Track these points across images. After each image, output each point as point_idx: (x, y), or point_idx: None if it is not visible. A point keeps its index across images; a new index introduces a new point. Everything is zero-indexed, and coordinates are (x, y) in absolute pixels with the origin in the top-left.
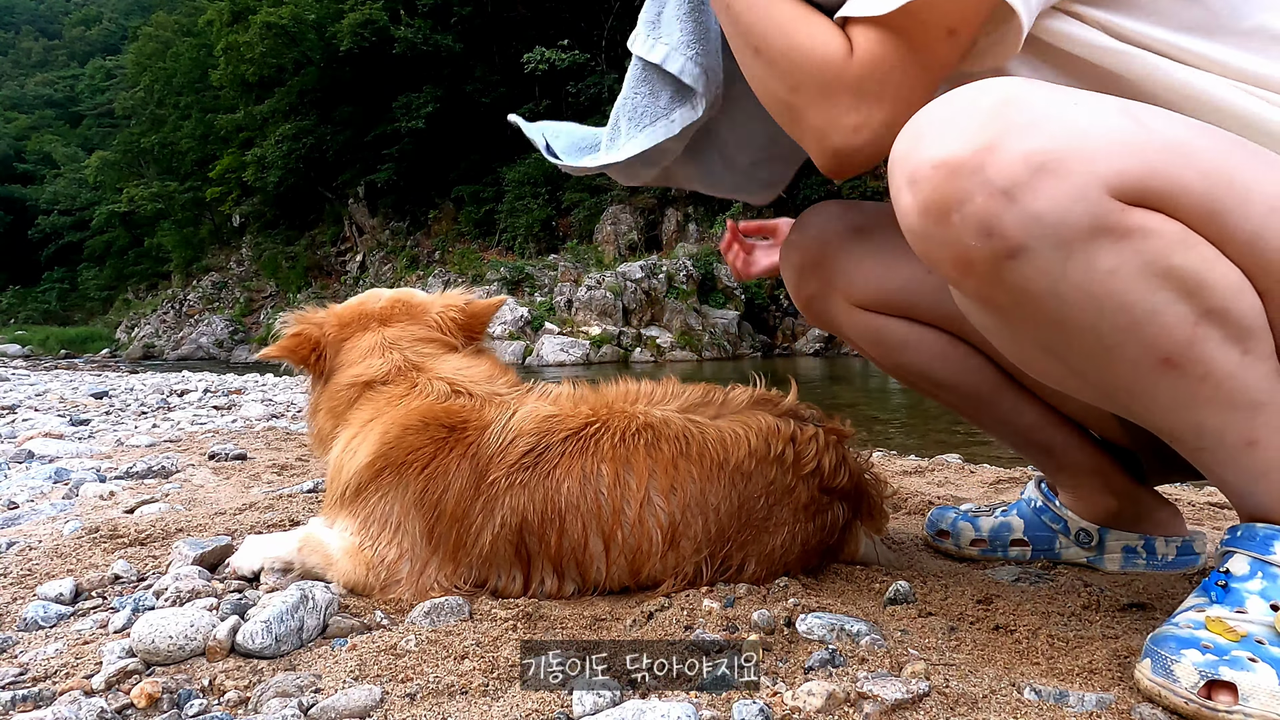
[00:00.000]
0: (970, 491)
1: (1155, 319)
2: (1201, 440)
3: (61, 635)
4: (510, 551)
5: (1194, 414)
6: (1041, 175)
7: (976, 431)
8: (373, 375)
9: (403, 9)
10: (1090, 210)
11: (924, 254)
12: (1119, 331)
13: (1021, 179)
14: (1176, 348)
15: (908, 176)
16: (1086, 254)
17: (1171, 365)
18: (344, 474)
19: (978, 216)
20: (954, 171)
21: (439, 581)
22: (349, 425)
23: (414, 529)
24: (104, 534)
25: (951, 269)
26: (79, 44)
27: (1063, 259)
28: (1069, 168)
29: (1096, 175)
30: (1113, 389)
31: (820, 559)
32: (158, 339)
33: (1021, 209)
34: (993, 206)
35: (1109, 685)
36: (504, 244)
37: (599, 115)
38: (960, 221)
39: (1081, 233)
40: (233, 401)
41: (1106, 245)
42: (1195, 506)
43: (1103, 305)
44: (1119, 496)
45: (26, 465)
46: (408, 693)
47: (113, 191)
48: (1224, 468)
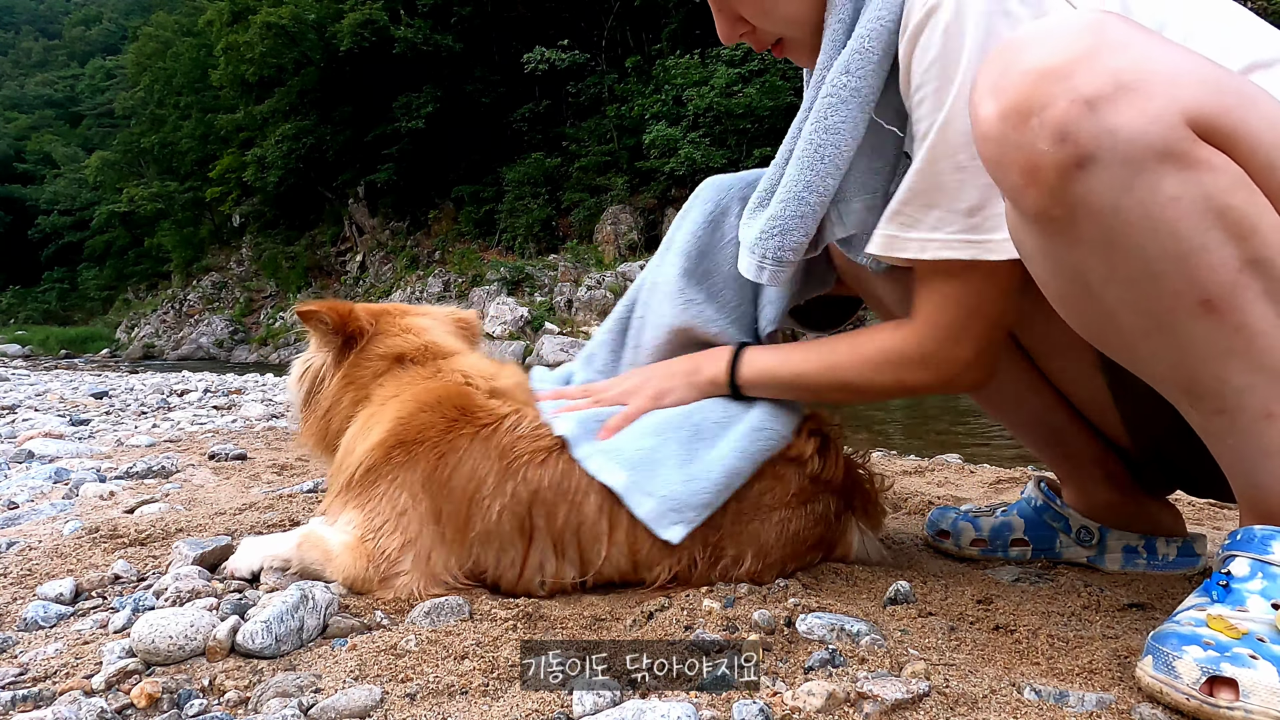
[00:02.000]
0: (970, 491)
1: (1203, 255)
2: (1223, 400)
3: (61, 635)
4: (515, 526)
5: (1222, 366)
6: (1125, 92)
7: (976, 432)
8: (404, 350)
9: (403, 9)
10: (1165, 134)
11: (994, 161)
12: (1167, 259)
13: (1106, 92)
14: (1219, 290)
15: (992, 85)
16: (1153, 176)
17: (1210, 308)
18: (355, 454)
19: (1056, 121)
20: (1042, 77)
21: (445, 568)
22: (369, 402)
23: (421, 509)
24: (104, 534)
25: (1019, 176)
26: (79, 44)
27: (1129, 176)
28: (1152, 90)
29: (1177, 102)
30: (1145, 330)
31: (815, 552)
32: (158, 339)
33: (1100, 120)
34: (1073, 113)
35: (1109, 685)
36: (504, 244)
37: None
38: (1038, 125)
39: (1152, 154)
40: (233, 401)
41: (1173, 172)
42: (1195, 507)
43: (1158, 229)
44: (1121, 490)
45: (26, 465)
46: (408, 693)
47: (113, 191)
48: (1238, 437)
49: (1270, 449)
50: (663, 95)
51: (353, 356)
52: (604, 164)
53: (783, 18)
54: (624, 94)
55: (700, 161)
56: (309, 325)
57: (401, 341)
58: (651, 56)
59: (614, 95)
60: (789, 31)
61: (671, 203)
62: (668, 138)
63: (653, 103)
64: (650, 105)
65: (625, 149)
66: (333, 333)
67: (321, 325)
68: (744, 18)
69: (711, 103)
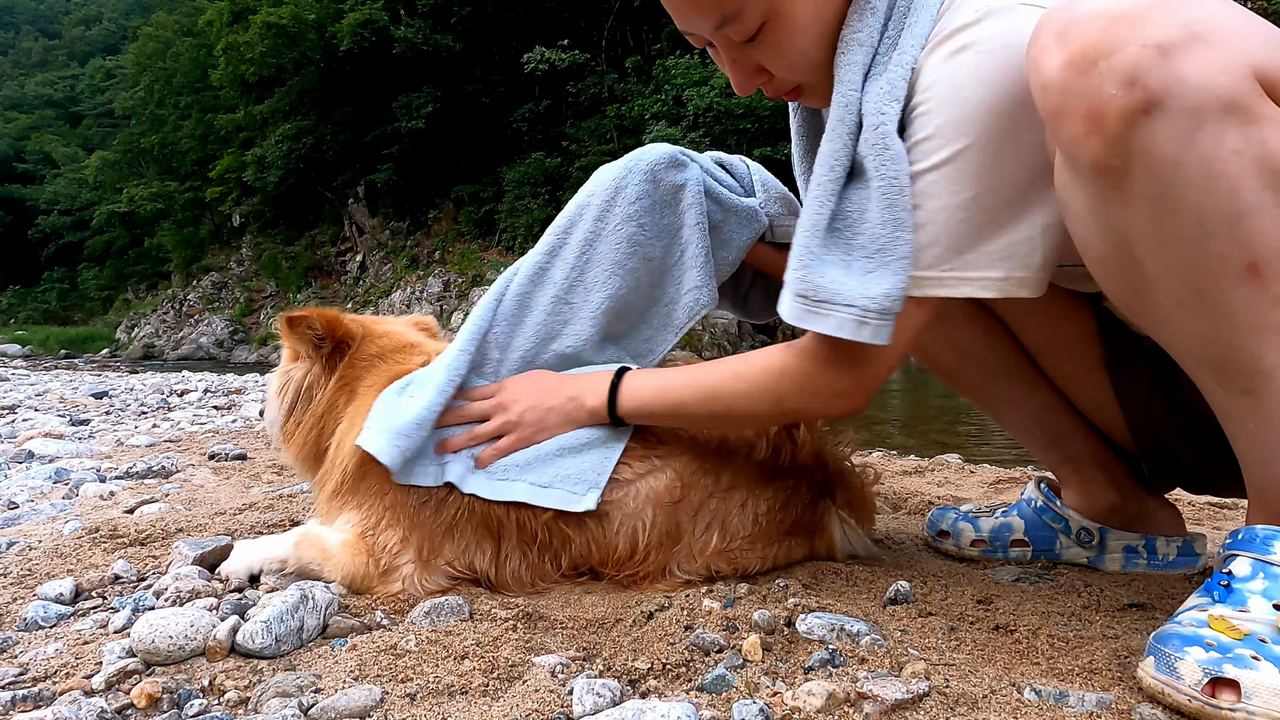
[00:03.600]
0: (970, 491)
1: (1255, 217)
2: (1252, 380)
3: (61, 635)
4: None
5: (1256, 341)
6: (1196, 41)
7: (976, 432)
8: (387, 347)
9: (403, 9)
10: (1232, 85)
11: (1054, 111)
12: (1220, 219)
13: (1178, 39)
14: (1265, 256)
15: (1058, 31)
16: (1218, 128)
17: (1255, 274)
18: (345, 449)
19: (1126, 65)
20: (1113, 22)
21: (439, 560)
22: (357, 398)
23: (412, 499)
24: (104, 534)
25: (1082, 123)
26: (79, 44)
27: (1194, 126)
28: (1222, 40)
29: (1246, 55)
30: (1183, 299)
31: (793, 539)
32: (158, 339)
33: (1170, 66)
34: (1144, 58)
35: (1109, 685)
36: (504, 244)
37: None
38: (1106, 70)
39: (1219, 105)
40: (233, 401)
41: (1236, 126)
42: (1195, 507)
43: (1217, 185)
44: (1122, 492)
45: (26, 465)
46: (408, 693)
47: (113, 191)
48: (1260, 420)
49: None
50: (663, 95)
51: (347, 359)
52: (604, 164)
53: (802, 63)
54: (624, 94)
55: None
56: (295, 334)
57: (386, 341)
58: (651, 56)
59: (614, 95)
60: (807, 77)
61: None
62: (668, 138)
63: (653, 103)
64: (650, 105)
65: (625, 149)
66: (323, 339)
67: (310, 332)
68: (764, 67)
69: (711, 103)
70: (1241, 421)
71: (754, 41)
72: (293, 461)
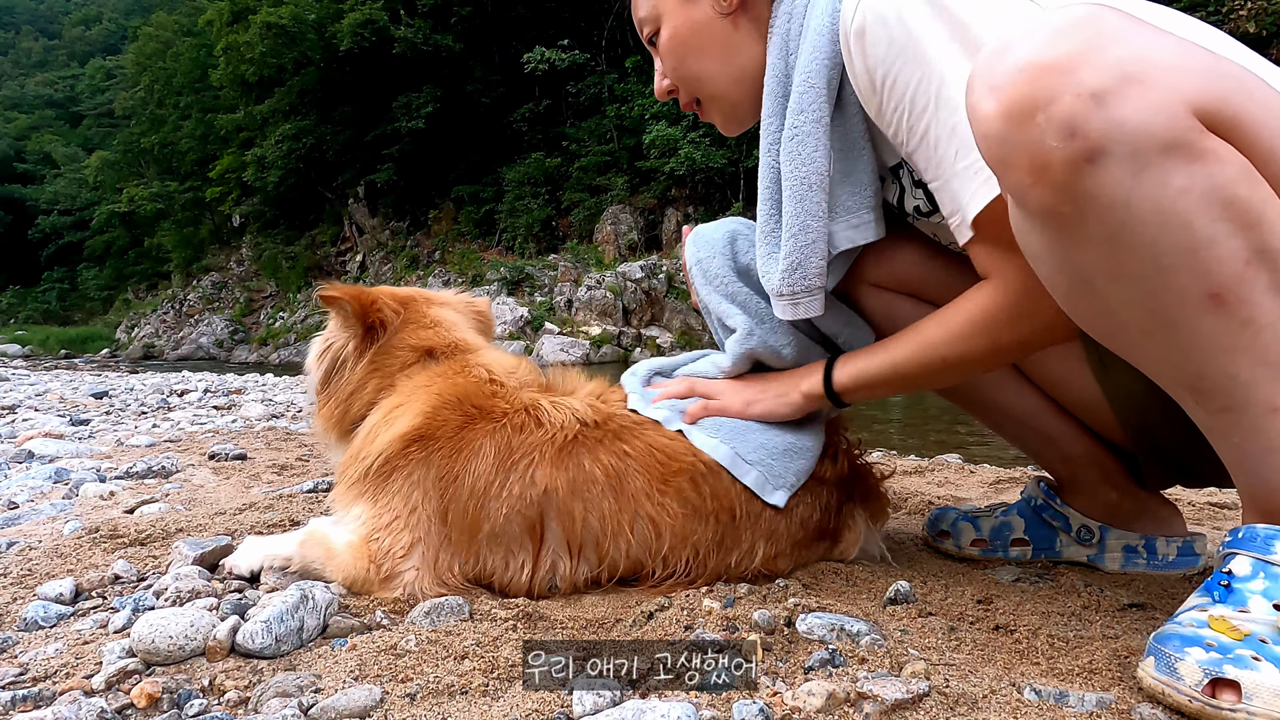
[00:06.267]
0: (970, 491)
1: (1212, 249)
2: (1229, 397)
3: (61, 635)
4: (525, 528)
5: (1228, 362)
6: (1130, 84)
7: (976, 432)
8: (434, 344)
9: (403, 9)
10: (1171, 125)
11: (998, 160)
12: (1177, 253)
13: (1111, 85)
14: (1226, 283)
15: (990, 83)
16: (1161, 168)
17: (1218, 302)
18: (376, 443)
19: (1063, 116)
20: (1044, 71)
21: (450, 569)
22: (394, 391)
23: (430, 507)
24: (104, 534)
25: (1027, 173)
26: (79, 44)
27: (1138, 169)
28: (1156, 80)
29: (1180, 92)
30: (1150, 329)
31: (820, 544)
32: (158, 339)
33: (1108, 113)
34: (1080, 108)
35: (1109, 685)
36: (504, 244)
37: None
38: (1045, 122)
39: (1160, 146)
40: (233, 401)
41: (1180, 164)
42: (1195, 507)
43: (1168, 223)
44: (1120, 490)
45: (26, 465)
46: (408, 693)
47: (113, 191)
48: (1243, 434)
49: (1276, 444)
50: None
51: (380, 344)
52: (604, 164)
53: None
54: (624, 94)
55: (700, 161)
56: (331, 309)
57: (432, 335)
58: (652, 56)
59: (614, 95)
60: (732, 91)
61: (671, 203)
62: (668, 138)
63: (652, 102)
64: (650, 105)
65: (625, 149)
66: (354, 320)
67: (343, 312)
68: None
69: None
70: (1224, 435)
71: (654, 46)
72: (319, 428)
